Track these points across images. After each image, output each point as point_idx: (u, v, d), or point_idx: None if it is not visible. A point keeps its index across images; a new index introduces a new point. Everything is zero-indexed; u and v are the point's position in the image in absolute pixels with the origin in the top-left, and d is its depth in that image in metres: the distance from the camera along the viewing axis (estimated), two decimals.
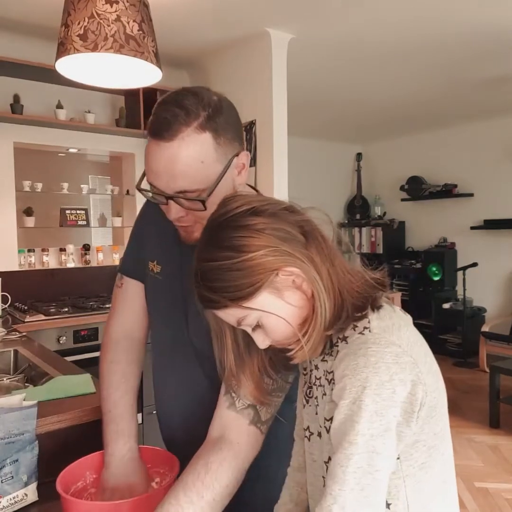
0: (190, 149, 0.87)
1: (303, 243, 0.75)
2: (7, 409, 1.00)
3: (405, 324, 0.76)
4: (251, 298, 0.72)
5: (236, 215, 0.74)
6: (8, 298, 2.88)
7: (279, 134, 3.16)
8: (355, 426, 0.67)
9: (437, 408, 0.74)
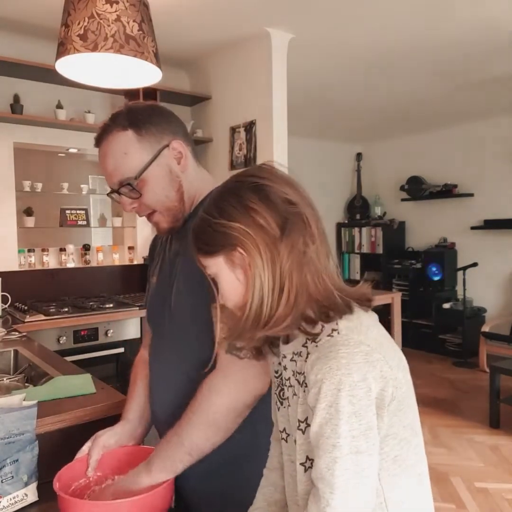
0: (115, 145, 1.04)
1: (275, 237, 0.76)
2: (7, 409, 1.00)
3: (373, 324, 0.78)
4: (211, 256, 0.80)
5: (243, 184, 0.80)
6: (8, 298, 2.88)
7: (279, 134, 3.16)
8: (336, 429, 0.69)
9: (405, 401, 0.76)
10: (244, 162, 3.31)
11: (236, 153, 3.37)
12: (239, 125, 3.33)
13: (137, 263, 3.71)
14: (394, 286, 6.00)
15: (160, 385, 1.14)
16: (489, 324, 5.01)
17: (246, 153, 3.29)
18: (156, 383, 1.16)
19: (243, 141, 3.31)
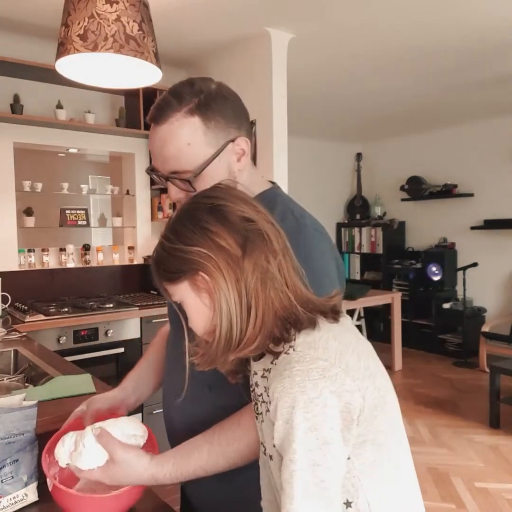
0: (178, 131, 0.93)
1: (237, 257, 0.75)
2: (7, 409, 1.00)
3: (334, 335, 0.76)
4: (174, 282, 0.79)
5: (199, 206, 0.79)
6: (8, 298, 2.88)
7: (279, 134, 3.16)
8: (292, 445, 0.69)
9: (379, 407, 0.75)
10: None
11: None
12: None
13: (137, 263, 3.71)
14: (394, 286, 6.00)
15: (176, 395, 1.08)
16: (489, 324, 5.01)
17: None
18: (172, 392, 1.10)
19: None
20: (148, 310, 2.99)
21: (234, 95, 1.01)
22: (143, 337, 2.98)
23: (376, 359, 0.79)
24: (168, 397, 1.13)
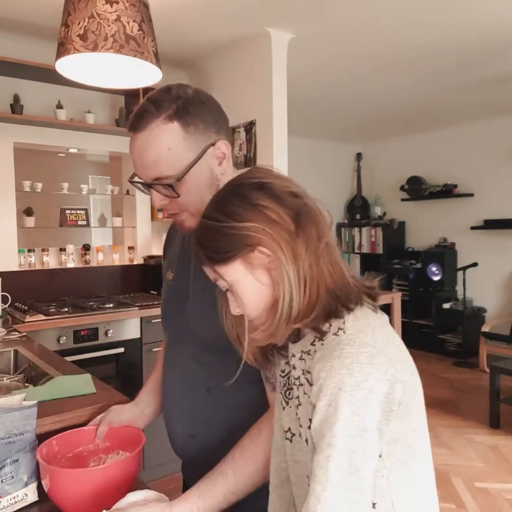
0: (158, 137, 0.93)
1: (291, 230, 0.75)
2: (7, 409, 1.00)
3: (380, 325, 0.77)
4: (225, 263, 0.77)
5: (243, 185, 0.79)
6: (8, 298, 2.88)
7: (279, 134, 3.16)
8: (332, 428, 0.68)
9: (414, 404, 0.75)
10: (244, 162, 3.31)
11: (236, 153, 3.37)
12: (239, 125, 3.33)
13: (137, 263, 3.71)
14: (394, 286, 6.00)
15: (177, 396, 1.09)
16: (489, 324, 5.01)
17: (246, 153, 3.29)
18: (172, 393, 1.10)
19: (243, 141, 3.31)
20: (148, 310, 2.99)
21: (212, 100, 1.01)
22: (143, 337, 2.97)
23: (411, 357, 0.79)
24: (168, 400, 1.13)
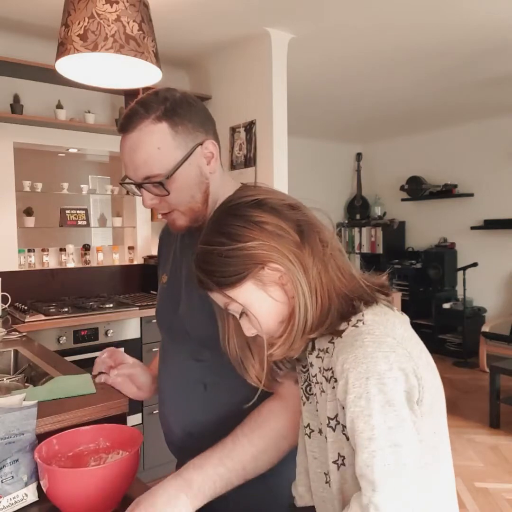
0: (147, 137, 0.95)
1: (296, 242, 0.76)
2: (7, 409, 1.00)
3: (400, 322, 0.76)
4: (235, 286, 0.76)
5: (240, 204, 0.78)
6: (8, 298, 2.88)
7: (279, 134, 3.16)
8: (369, 420, 0.66)
9: (435, 405, 0.73)
10: (244, 162, 3.31)
11: (236, 153, 3.37)
12: (239, 125, 3.33)
13: (137, 263, 3.71)
14: (394, 286, 5.99)
15: (173, 394, 1.10)
16: (489, 324, 5.01)
17: (246, 153, 3.29)
18: (169, 391, 1.11)
19: (243, 141, 3.31)
20: (148, 310, 2.99)
21: (199, 102, 1.04)
22: (143, 337, 2.97)
23: (433, 361, 0.78)
24: (164, 398, 1.13)
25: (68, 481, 0.91)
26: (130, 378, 1.21)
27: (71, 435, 1.07)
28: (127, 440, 1.04)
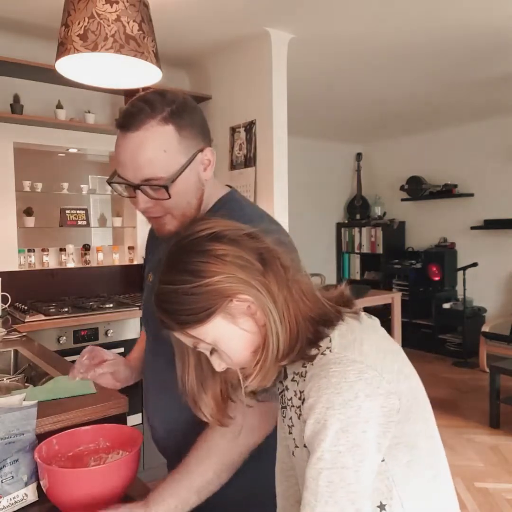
0: (154, 138, 0.93)
1: (260, 271, 0.75)
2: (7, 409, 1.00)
3: (368, 336, 0.76)
4: (205, 322, 0.74)
5: (198, 239, 0.77)
6: (8, 298, 2.88)
7: (279, 134, 3.16)
8: (321, 444, 0.69)
9: (412, 408, 0.75)
10: (244, 162, 3.31)
11: (236, 153, 3.37)
12: (239, 125, 3.33)
13: (137, 263, 3.71)
14: (394, 286, 6.00)
15: (157, 395, 1.11)
16: (489, 324, 5.01)
17: (246, 153, 3.29)
18: (153, 393, 1.13)
19: (243, 141, 3.31)
20: None
21: (199, 108, 1.04)
22: None
23: (407, 361, 0.79)
24: (147, 396, 1.16)
25: (68, 481, 0.91)
26: (112, 375, 1.18)
27: (71, 435, 1.07)
28: (127, 440, 1.05)
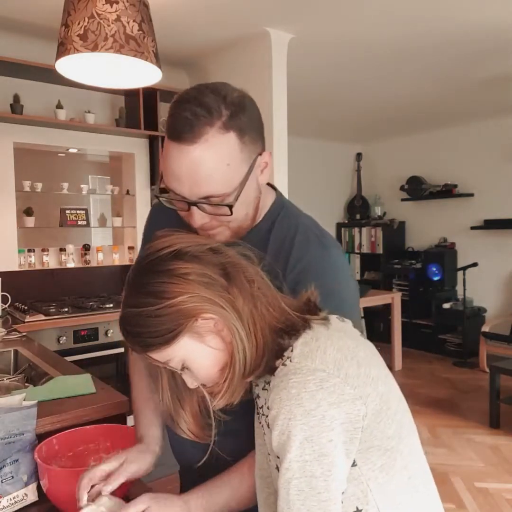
0: (215, 151, 0.80)
1: (224, 286, 0.75)
2: (7, 409, 1.00)
3: (332, 342, 0.74)
4: (171, 343, 0.73)
5: (159, 259, 0.75)
6: (8, 298, 2.88)
7: (279, 134, 3.16)
8: (287, 455, 0.69)
9: (382, 412, 0.73)
10: None
11: None
12: None
13: None
14: (394, 286, 6.00)
15: None
16: (489, 324, 5.01)
17: None
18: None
19: None
20: None
21: (255, 103, 0.89)
22: None
23: (378, 364, 0.78)
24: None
25: (68, 481, 0.91)
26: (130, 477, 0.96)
27: (71, 435, 1.07)
28: (127, 440, 1.05)
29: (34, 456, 0.98)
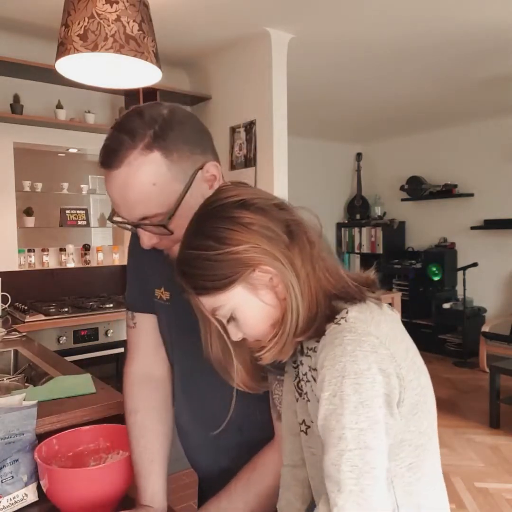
0: (139, 173, 0.82)
1: (286, 243, 0.74)
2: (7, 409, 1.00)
3: (386, 320, 0.73)
4: (225, 290, 0.73)
5: (225, 205, 0.74)
6: (8, 298, 2.88)
7: (279, 134, 3.16)
8: (341, 419, 0.65)
9: (420, 405, 0.72)
10: (244, 162, 3.31)
11: (236, 153, 3.37)
12: (239, 125, 3.33)
13: None
14: (394, 286, 6.00)
15: (203, 433, 1.03)
16: (489, 324, 5.01)
17: (246, 153, 3.29)
18: (197, 428, 1.05)
19: (243, 141, 3.31)
20: None
21: (190, 116, 0.90)
22: None
23: (421, 358, 0.77)
24: (196, 435, 1.07)
25: (68, 481, 0.91)
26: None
27: (71, 435, 1.07)
28: (127, 440, 1.05)
29: (34, 456, 0.98)
